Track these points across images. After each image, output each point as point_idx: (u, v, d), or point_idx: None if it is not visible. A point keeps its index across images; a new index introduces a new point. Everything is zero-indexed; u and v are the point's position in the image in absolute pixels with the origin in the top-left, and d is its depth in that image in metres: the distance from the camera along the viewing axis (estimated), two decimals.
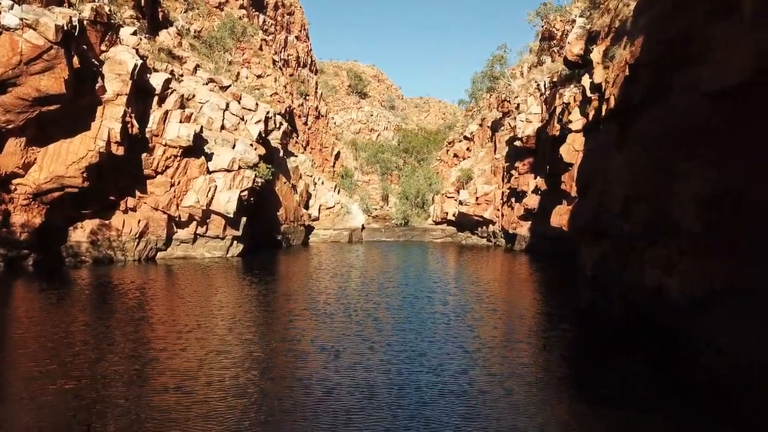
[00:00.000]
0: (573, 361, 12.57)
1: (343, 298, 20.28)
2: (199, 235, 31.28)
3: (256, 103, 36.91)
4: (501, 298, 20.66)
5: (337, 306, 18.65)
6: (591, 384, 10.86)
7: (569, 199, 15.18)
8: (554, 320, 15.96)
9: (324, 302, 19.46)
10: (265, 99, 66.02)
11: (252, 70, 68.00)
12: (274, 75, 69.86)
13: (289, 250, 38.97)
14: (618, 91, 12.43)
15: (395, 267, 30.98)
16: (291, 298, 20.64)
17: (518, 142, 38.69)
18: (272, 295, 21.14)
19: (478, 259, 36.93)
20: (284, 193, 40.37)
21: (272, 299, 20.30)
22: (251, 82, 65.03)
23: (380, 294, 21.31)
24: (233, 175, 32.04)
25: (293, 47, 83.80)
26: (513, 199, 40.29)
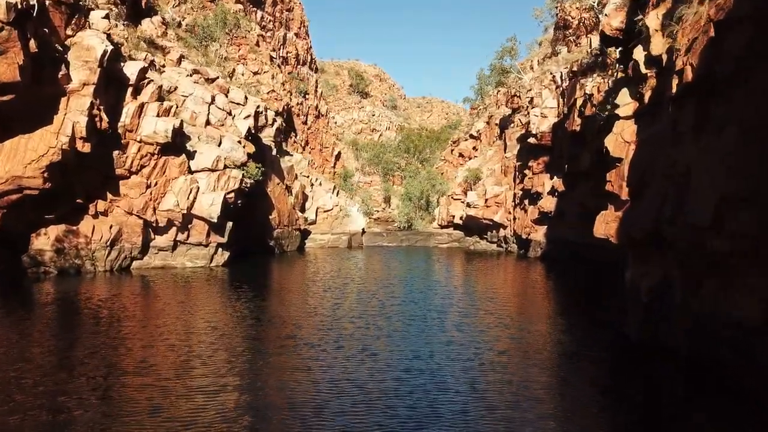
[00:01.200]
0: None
1: (336, 323, 17.04)
2: (180, 242, 28.08)
3: (246, 97, 33.73)
4: (527, 322, 17.38)
5: (328, 334, 15.42)
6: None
7: (618, 203, 11.89)
8: (606, 358, 12.72)
9: (315, 327, 16.25)
10: (262, 96, 63.32)
11: (248, 67, 65.04)
12: (271, 72, 66.95)
13: (283, 258, 35.74)
14: (698, 60, 9.20)
15: (398, 278, 27.74)
16: (275, 322, 17.40)
17: (532, 139, 35.43)
18: (253, 317, 17.90)
19: (489, 267, 33.64)
20: (277, 194, 37.17)
21: (253, 323, 17.06)
22: (247, 79, 62.14)
23: (382, 316, 18.06)
24: (218, 176, 28.84)
25: (292, 44, 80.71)
26: (526, 201, 37.02)
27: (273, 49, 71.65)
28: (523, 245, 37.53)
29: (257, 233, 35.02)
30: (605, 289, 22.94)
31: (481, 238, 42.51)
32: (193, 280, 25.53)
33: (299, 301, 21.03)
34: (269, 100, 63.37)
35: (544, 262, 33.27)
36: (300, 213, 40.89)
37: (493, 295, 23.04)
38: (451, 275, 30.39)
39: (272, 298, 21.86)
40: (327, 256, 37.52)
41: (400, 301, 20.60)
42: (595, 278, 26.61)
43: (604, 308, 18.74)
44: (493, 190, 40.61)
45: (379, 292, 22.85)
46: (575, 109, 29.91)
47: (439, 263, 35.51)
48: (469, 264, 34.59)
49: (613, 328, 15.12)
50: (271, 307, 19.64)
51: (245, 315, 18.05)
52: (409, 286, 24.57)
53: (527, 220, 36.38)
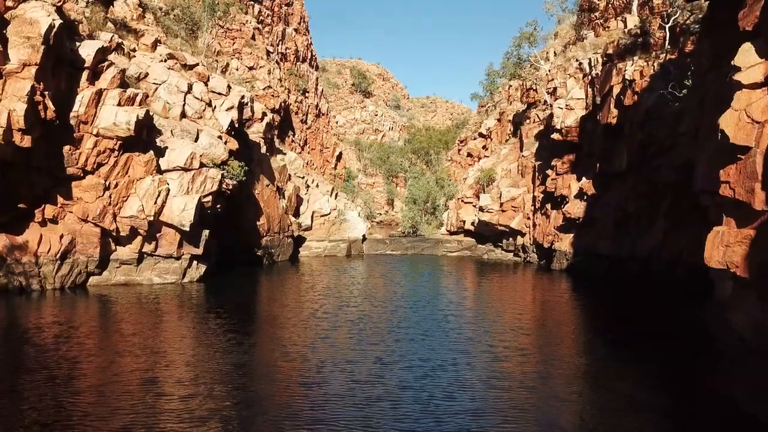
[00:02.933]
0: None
1: (328, 365, 12.79)
2: (146, 254, 23.83)
3: (228, 86, 29.49)
4: (579, 370, 13.08)
5: (319, 385, 11.14)
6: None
7: (744, 215, 7.56)
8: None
9: (301, 377, 11.97)
10: (257, 93, 59.38)
11: (243, 61, 61.22)
12: (267, 67, 62.96)
13: (272, 270, 31.44)
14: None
15: (403, 298, 23.40)
16: (251, 365, 13.14)
17: (556, 135, 31.09)
18: (224, 353, 13.64)
19: (508, 282, 29.27)
20: (266, 197, 32.91)
21: (222, 364, 12.79)
22: (242, 74, 58.26)
23: (385, 359, 13.76)
24: (192, 176, 24.60)
25: (292, 40, 76.67)
26: (548, 206, 32.65)
27: (271, 44, 67.74)
28: (545, 255, 33.14)
29: (242, 242, 30.76)
30: (671, 326, 18.60)
31: (495, 246, 38.15)
32: (160, 299, 21.30)
33: (283, 334, 16.72)
34: (265, 96, 59.44)
35: (572, 277, 28.87)
36: (293, 218, 36.63)
37: (519, 320, 18.68)
38: (464, 293, 26.05)
39: (250, 329, 17.56)
40: (323, 267, 33.22)
41: (407, 334, 16.27)
42: (646, 304, 22.23)
43: (680, 359, 14.40)
44: (509, 193, 36.25)
45: (380, 321, 18.52)
46: (610, 98, 25.62)
47: (449, 276, 31.14)
48: (485, 278, 30.22)
49: (709, 392, 10.78)
50: (247, 343, 15.35)
51: (214, 353, 13.83)
52: (416, 312, 20.25)
53: (550, 227, 32.01)
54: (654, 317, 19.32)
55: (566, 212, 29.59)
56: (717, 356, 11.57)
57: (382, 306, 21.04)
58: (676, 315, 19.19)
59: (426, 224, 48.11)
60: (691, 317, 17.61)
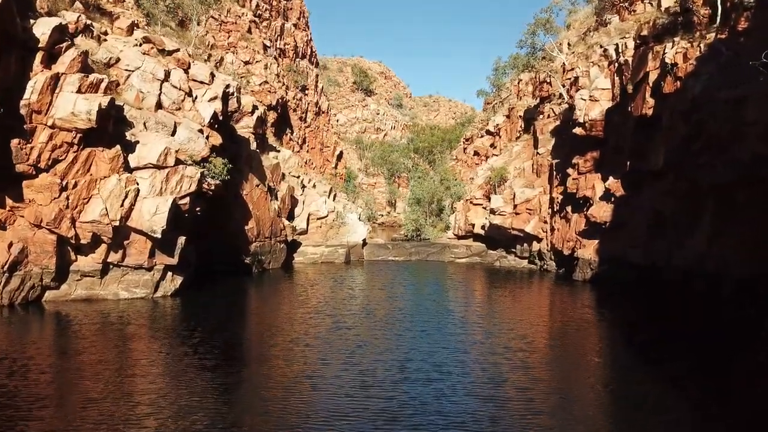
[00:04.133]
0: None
1: (312, 418, 9.66)
2: (112, 264, 20.67)
3: (212, 74, 26.31)
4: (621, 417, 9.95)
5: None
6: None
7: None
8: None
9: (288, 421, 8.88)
10: (253, 88, 56.34)
11: (238, 56, 58.25)
12: (264, 62, 59.92)
13: (262, 279, 28.25)
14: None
15: (408, 318, 20.18)
16: (220, 413, 10.01)
17: (579, 130, 27.86)
18: (190, 397, 10.50)
19: (526, 296, 26.08)
20: (256, 198, 29.74)
21: (187, 413, 9.68)
22: (237, 69, 55.39)
23: (386, 411, 10.60)
24: (167, 175, 21.44)
25: (291, 35, 73.66)
26: (569, 208, 29.43)
27: (269, 39, 64.75)
28: (565, 263, 29.91)
29: (228, 249, 27.59)
30: (732, 358, 15.40)
31: (507, 252, 34.91)
32: (126, 318, 18.18)
33: (264, 370, 13.57)
34: (261, 92, 56.40)
35: (597, 288, 25.66)
36: (286, 221, 33.47)
37: (550, 354, 15.49)
38: (478, 310, 22.86)
39: (226, 361, 14.39)
40: (318, 276, 30.03)
41: (412, 378, 13.07)
42: (693, 325, 19.00)
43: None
44: (523, 194, 33.02)
45: (381, 351, 15.35)
46: (645, 86, 22.41)
47: (458, 288, 27.91)
48: (499, 290, 27.01)
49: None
50: (219, 382, 12.21)
51: (177, 396, 10.70)
52: (424, 338, 17.08)
53: (570, 232, 28.78)
54: (706, 343, 16.12)
55: (590, 216, 26.38)
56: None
57: (384, 329, 17.84)
58: (734, 342, 15.99)
59: (431, 227, 44.90)
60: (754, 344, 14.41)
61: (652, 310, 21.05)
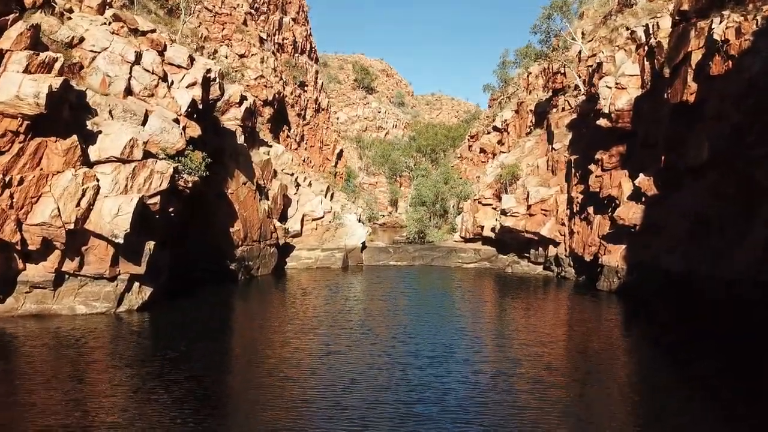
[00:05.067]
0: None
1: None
2: (67, 274, 17.73)
3: (191, 57, 23.34)
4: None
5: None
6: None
7: None
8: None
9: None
10: (248, 83, 53.62)
11: (233, 48, 55.46)
12: (260, 55, 57.09)
13: (248, 288, 25.29)
14: None
15: (412, 336, 17.23)
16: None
17: (603, 121, 24.86)
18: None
19: (543, 309, 23.09)
20: (243, 198, 26.80)
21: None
22: (231, 62, 52.56)
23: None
24: (133, 170, 18.50)
25: (289, 30, 70.85)
26: (590, 209, 26.44)
27: (267, 34, 61.99)
28: (586, 270, 26.91)
29: (211, 253, 24.64)
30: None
31: (520, 256, 31.91)
32: (80, 339, 15.36)
33: (235, 416, 10.62)
34: (257, 87, 53.58)
35: (625, 300, 22.68)
36: (278, 223, 30.51)
37: (581, 386, 12.52)
38: (490, 325, 19.90)
39: (192, 394, 11.43)
40: (312, 283, 27.07)
41: (415, 412, 10.12)
42: (746, 348, 16.00)
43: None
44: (538, 193, 30.03)
45: (379, 378, 12.41)
46: (686, 68, 19.40)
47: (468, 299, 24.91)
48: (513, 300, 24.04)
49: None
50: (184, 424, 9.31)
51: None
52: (429, 363, 14.14)
53: (593, 235, 25.79)
54: None
55: (617, 217, 23.39)
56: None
57: (384, 356, 14.88)
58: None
59: (435, 229, 41.93)
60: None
61: (696, 329, 18.07)
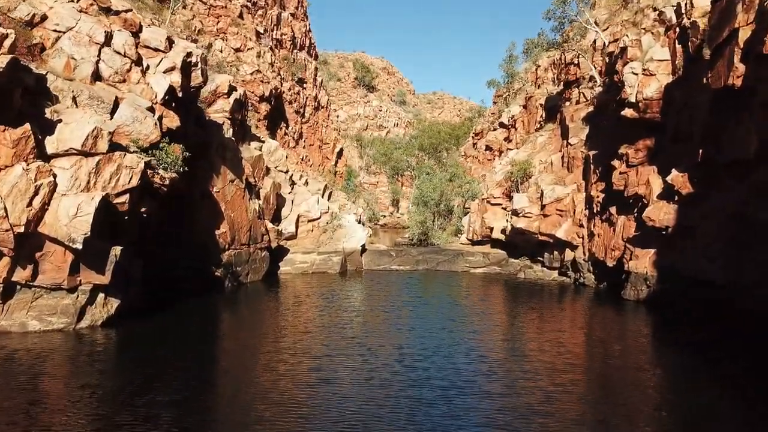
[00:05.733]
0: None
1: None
2: (19, 284, 15.31)
3: (169, 39, 20.88)
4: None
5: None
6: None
7: None
8: None
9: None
10: (243, 78, 51.60)
11: (228, 42, 53.09)
12: (257, 49, 54.79)
13: (235, 297, 22.84)
14: None
15: (416, 358, 14.78)
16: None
17: (629, 112, 22.39)
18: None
19: (564, 321, 20.61)
20: (230, 197, 24.37)
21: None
22: (226, 57, 50.30)
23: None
24: (97, 164, 16.08)
25: (288, 25, 68.45)
26: (613, 209, 23.97)
27: (264, 29, 59.67)
28: (607, 276, 24.44)
29: (193, 258, 22.19)
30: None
31: (533, 260, 29.45)
32: (31, 363, 12.89)
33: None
34: (253, 82, 51.38)
35: (656, 311, 20.23)
36: (270, 224, 28.08)
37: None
38: (505, 341, 17.43)
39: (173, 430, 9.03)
40: (306, 291, 24.64)
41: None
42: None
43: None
44: (553, 192, 27.55)
45: (379, 417, 9.96)
46: (732, 48, 16.92)
47: (477, 308, 22.42)
48: (528, 310, 21.58)
49: None
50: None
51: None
52: (438, 398, 11.69)
53: (616, 238, 23.32)
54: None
55: (647, 218, 20.91)
56: None
57: (385, 380, 12.44)
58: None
59: (439, 230, 39.48)
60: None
61: (743, 350, 15.61)
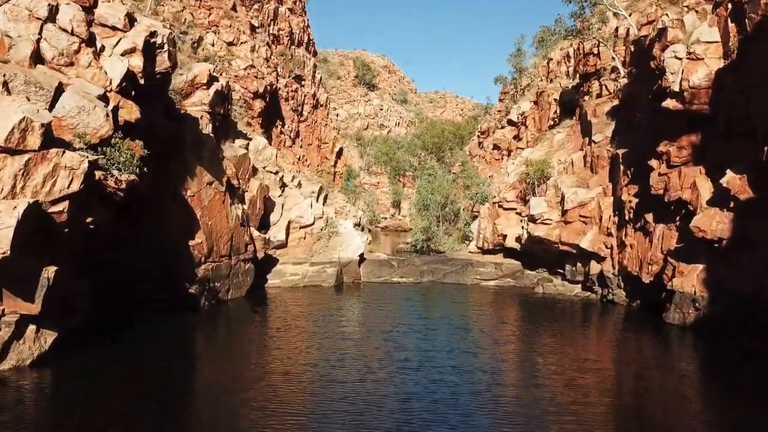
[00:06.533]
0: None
1: None
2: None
3: (129, 16, 17.62)
4: None
5: None
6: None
7: None
8: None
9: None
10: (236, 73, 48.73)
11: (221, 36, 50.03)
12: (251, 43, 51.82)
13: (210, 320, 19.58)
14: None
15: (423, 407, 11.53)
16: None
17: (672, 103, 19.11)
18: None
19: (598, 351, 17.35)
20: (208, 202, 21.14)
21: None
22: (218, 51, 47.28)
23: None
24: (25, 163, 12.87)
25: (285, 20, 65.42)
26: (649, 216, 20.68)
27: (261, 24, 56.70)
28: (642, 293, 21.16)
29: (161, 275, 18.93)
30: None
31: (552, 272, 26.19)
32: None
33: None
34: (246, 77, 48.47)
35: (707, 338, 16.98)
36: (257, 232, 24.86)
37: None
38: (527, 374, 14.16)
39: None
40: (296, 309, 21.39)
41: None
42: None
43: None
44: (575, 196, 24.32)
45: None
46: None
47: (492, 333, 19.14)
48: (551, 335, 18.33)
49: None
50: None
51: None
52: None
53: (654, 250, 20.05)
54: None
55: (695, 228, 17.65)
56: None
57: None
58: None
59: (445, 236, 36.24)
60: None
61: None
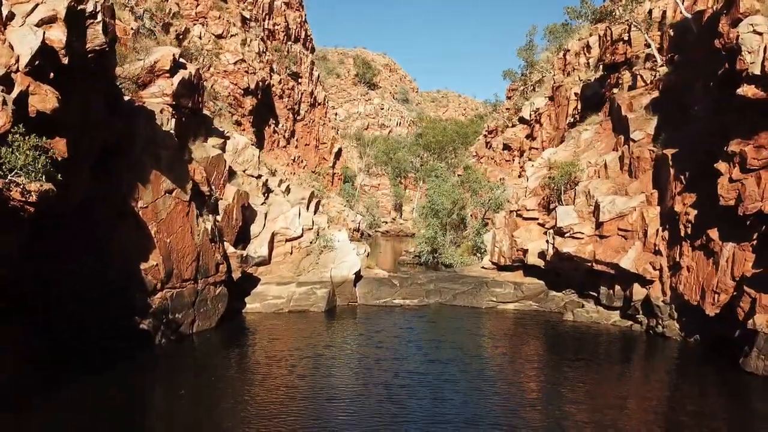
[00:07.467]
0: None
1: None
2: None
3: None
4: None
5: None
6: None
7: None
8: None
9: None
10: (226, 68, 45.32)
11: (209, 28, 46.31)
12: (242, 36, 48.06)
13: (167, 362, 15.53)
14: None
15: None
16: None
17: (749, 89, 14.97)
18: None
19: (654, 405, 13.28)
20: (166, 215, 17.09)
21: None
22: (206, 44, 43.53)
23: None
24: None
25: (281, 14, 61.70)
26: (713, 233, 16.57)
27: (255, 18, 52.89)
28: (703, 328, 17.05)
29: (103, 307, 14.89)
30: None
31: (583, 295, 22.10)
32: None
33: None
34: (237, 72, 44.88)
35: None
36: (232, 248, 20.81)
37: None
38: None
39: None
40: (276, 344, 17.32)
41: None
42: None
43: None
44: (612, 206, 20.24)
45: None
46: None
47: (515, 379, 15.09)
48: (589, 383, 14.27)
49: None
50: None
51: None
52: None
53: (721, 275, 15.97)
54: None
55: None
56: None
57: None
58: None
59: (452, 246, 32.23)
60: None
61: None
